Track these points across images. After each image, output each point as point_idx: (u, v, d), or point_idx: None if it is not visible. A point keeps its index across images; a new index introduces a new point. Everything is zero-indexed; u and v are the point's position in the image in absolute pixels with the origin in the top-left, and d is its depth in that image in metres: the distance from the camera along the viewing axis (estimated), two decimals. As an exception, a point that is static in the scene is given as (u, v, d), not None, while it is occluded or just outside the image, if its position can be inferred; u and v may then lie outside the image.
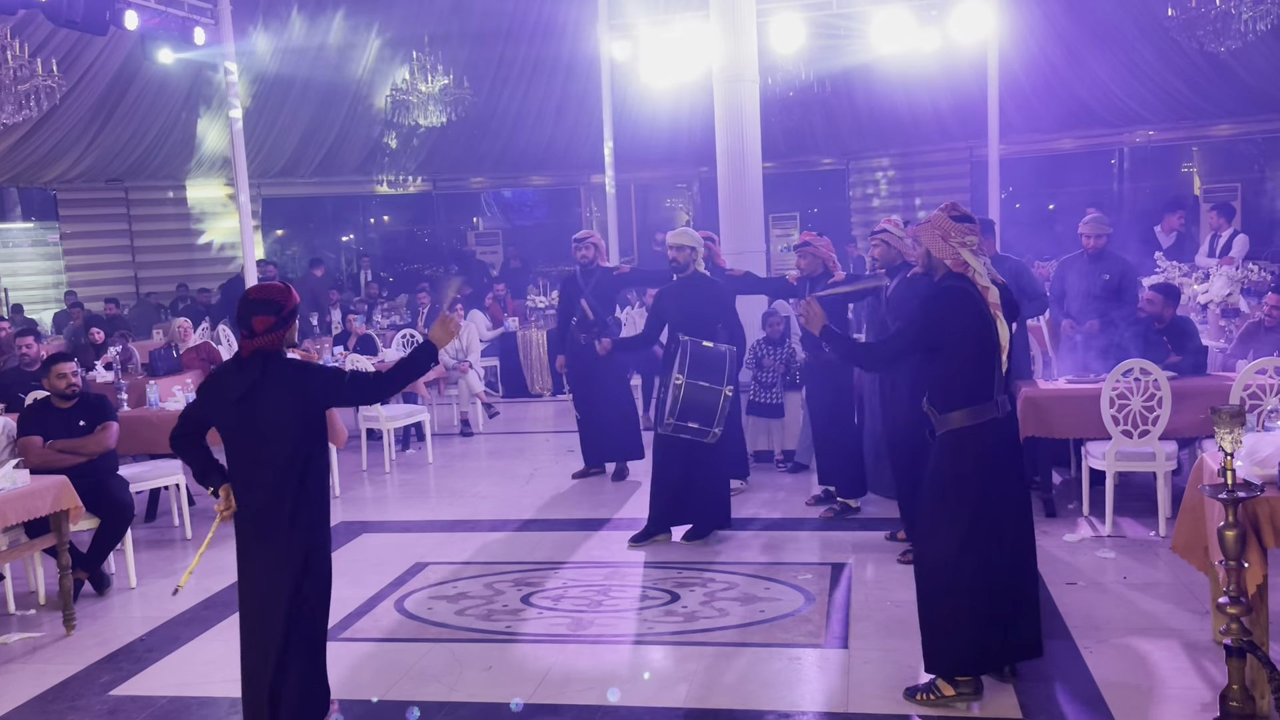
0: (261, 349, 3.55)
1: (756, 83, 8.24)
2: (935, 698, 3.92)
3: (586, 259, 7.57)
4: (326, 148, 17.12)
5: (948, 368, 3.88)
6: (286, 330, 3.61)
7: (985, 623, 3.84)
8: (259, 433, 3.56)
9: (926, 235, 3.97)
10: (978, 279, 3.87)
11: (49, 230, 16.90)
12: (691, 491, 6.03)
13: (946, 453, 3.90)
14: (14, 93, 9.59)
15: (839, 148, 17.30)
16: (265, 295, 3.59)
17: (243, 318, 3.55)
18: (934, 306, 3.92)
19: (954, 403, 3.86)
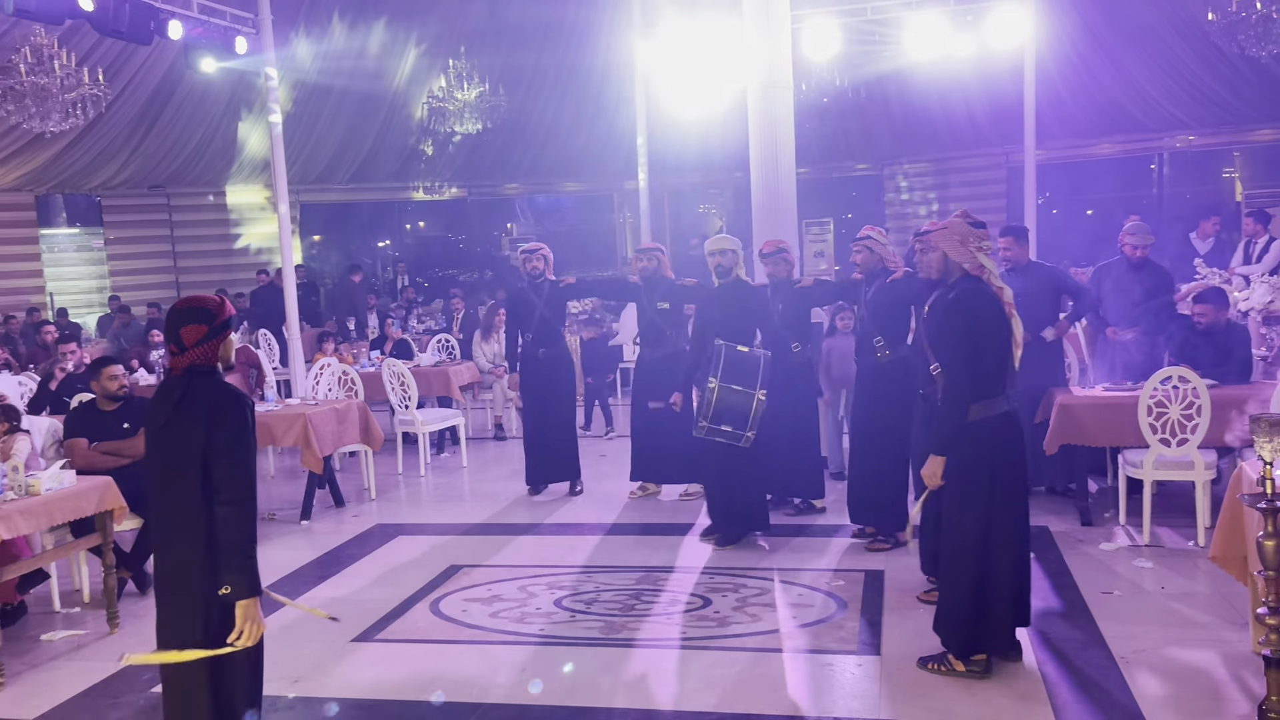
0: (194, 367, 3.15)
1: (791, 89, 8.23)
2: (945, 669, 4.19)
3: (537, 270, 7.53)
4: (363, 154, 17.31)
5: (965, 364, 4.10)
6: (221, 343, 3.20)
7: (999, 602, 4.11)
8: (169, 464, 3.13)
9: (944, 240, 4.21)
10: (992, 280, 4.18)
11: (93, 236, 17.23)
12: (729, 496, 6.05)
13: (964, 444, 4.11)
14: (61, 101, 9.81)
15: (873, 153, 17.24)
16: (195, 304, 3.23)
17: (170, 330, 3.17)
18: (967, 308, 4.10)
19: (973, 396, 4.08)
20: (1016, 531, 4.16)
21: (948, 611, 4.20)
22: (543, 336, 7.52)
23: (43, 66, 9.74)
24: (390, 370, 8.81)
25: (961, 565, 4.14)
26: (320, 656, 4.78)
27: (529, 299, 7.56)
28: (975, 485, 4.11)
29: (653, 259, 7.31)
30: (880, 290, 5.91)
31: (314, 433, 7.07)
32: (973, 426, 4.10)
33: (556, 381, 7.61)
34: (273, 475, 9.01)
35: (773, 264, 6.65)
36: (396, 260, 19.62)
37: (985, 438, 4.10)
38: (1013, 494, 4.15)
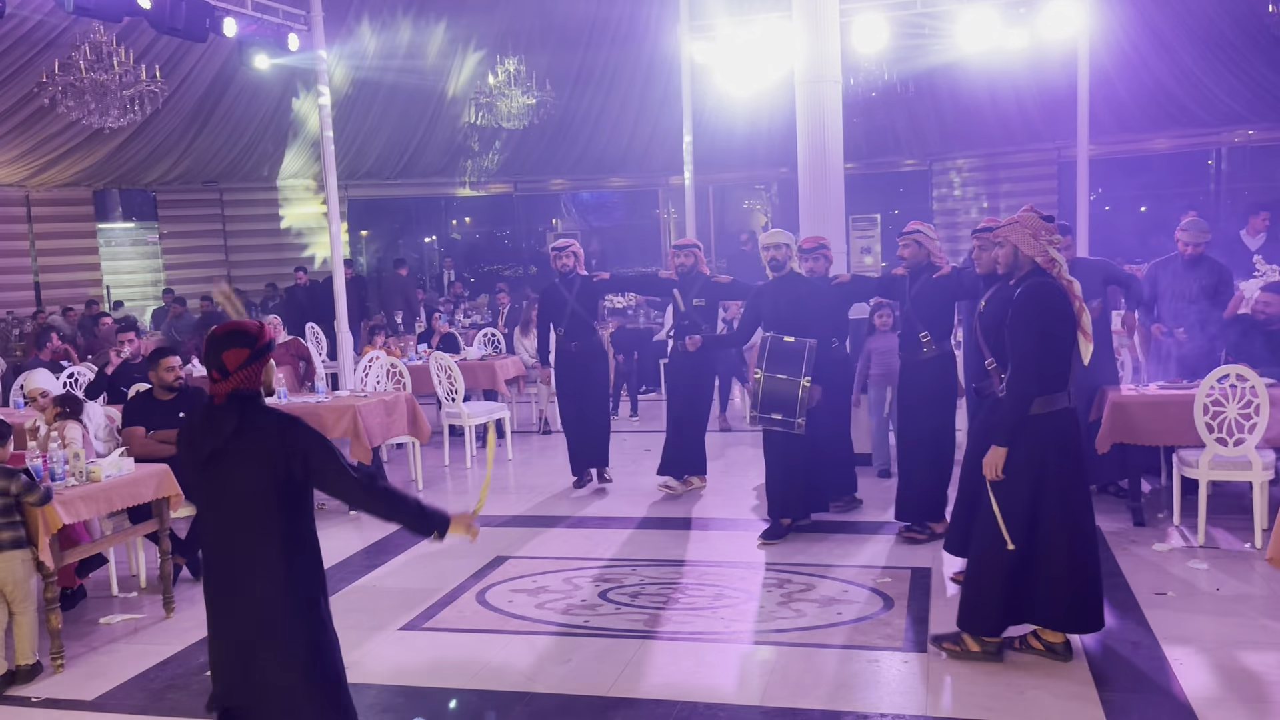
0: (239, 392, 2.99)
1: (839, 83, 8.17)
2: (960, 649, 4.29)
3: (567, 267, 7.60)
4: (411, 150, 17.48)
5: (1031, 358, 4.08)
6: (263, 367, 3.07)
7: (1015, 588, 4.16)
8: (231, 501, 2.96)
9: (1015, 234, 4.20)
10: (1062, 273, 4.16)
11: (148, 230, 17.59)
12: (790, 480, 6.10)
13: (1024, 439, 4.09)
14: (119, 98, 10.02)
15: (921, 148, 17.07)
16: (235, 329, 3.08)
17: (211, 356, 3.01)
18: (1039, 300, 4.08)
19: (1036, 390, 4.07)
20: (1068, 524, 4.10)
21: (972, 588, 4.25)
22: (575, 330, 7.60)
23: (102, 63, 9.96)
24: (437, 363, 8.90)
25: (994, 550, 4.14)
26: (370, 644, 4.84)
27: (560, 294, 7.64)
28: (1022, 476, 4.09)
29: (690, 255, 7.34)
30: (926, 285, 5.93)
31: (363, 424, 7.16)
32: (1030, 421, 4.08)
33: (590, 374, 7.69)
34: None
35: (812, 260, 6.64)
36: (443, 256, 19.80)
37: (1042, 432, 4.08)
38: (1066, 491, 4.11)
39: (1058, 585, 4.12)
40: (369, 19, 14.37)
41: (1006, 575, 4.15)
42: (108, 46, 10.04)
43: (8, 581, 4.54)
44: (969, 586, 4.29)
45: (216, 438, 2.95)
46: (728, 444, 9.24)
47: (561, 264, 7.63)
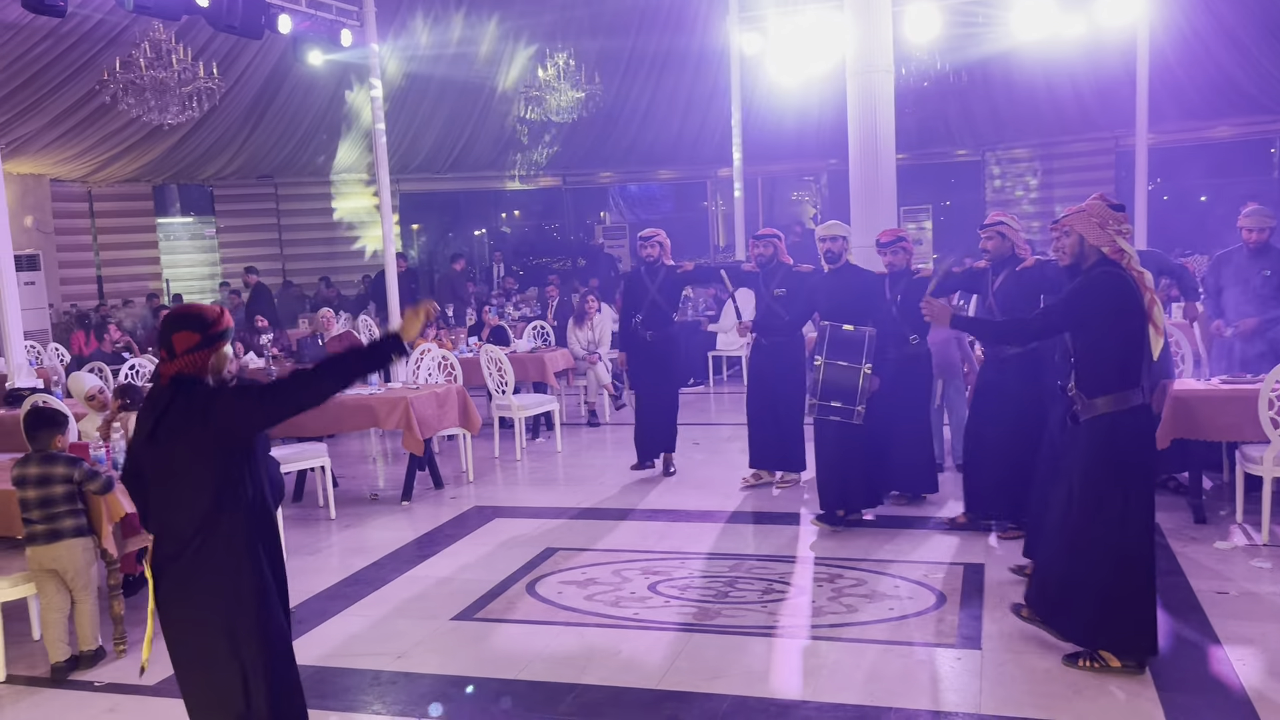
0: (181, 375, 2.95)
1: (891, 73, 8.09)
2: (1099, 666, 4.04)
3: (652, 257, 7.63)
4: (461, 144, 17.62)
5: (1100, 352, 3.98)
6: (212, 354, 2.99)
7: (1150, 600, 3.99)
8: (165, 480, 2.97)
9: (1082, 222, 4.09)
10: (1132, 264, 4.01)
11: (206, 224, 17.95)
12: (845, 473, 6.07)
13: (1099, 437, 4.00)
14: (178, 94, 10.22)
15: (974, 139, 16.84)
16: (190, 311, 3.04)
17: (163, 335, 2.99)
18: (1093, 289, 4.02)
19: (1103, 387, 3.97)
20: (1147, 530, 4.03)
21: (1098, 605, 4.00)
22: (652, 319, 7.63)
23: (161, 61, 10.16)
24: (488, 356, 8.97)
25: (1128, 568, 3.96)
26: (421, 634, 4.90)
27: (643, 282, 7.67)
28: (1113, 481, 3.97)
29: (769, 245, 7.24)
30: (1010, 279, 5.69)
31: (415, 416, 7.24)
32: (1106, 421, 3.97)
33: (663, 363, 7.73)
34: (375, 457, 9.26)
35: (891, 253, 6.50)
36: (493, 249, 19.94)
37: (1120, 432, 3.96)
38: (1145, 491, 4.03)
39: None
40: (420, 14, 14.50)
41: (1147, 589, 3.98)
42: (167, 44, 10.25)
43: (70, 568, 4.65)
44: (1076, 604, 4.07)
45: (151, 418, 2.96)
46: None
47: (646, 253, 7.66)
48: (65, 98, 12.76)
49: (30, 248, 14.66)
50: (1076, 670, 4.10)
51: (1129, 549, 3.97)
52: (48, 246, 15.53)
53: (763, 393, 7.31)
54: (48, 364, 10.46)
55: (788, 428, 7.25)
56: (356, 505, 7.51)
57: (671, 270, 7.66)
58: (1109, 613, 4.00)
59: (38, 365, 9.63)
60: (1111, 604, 4.00)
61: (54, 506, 4.57)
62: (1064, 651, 4.24)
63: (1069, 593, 4.11)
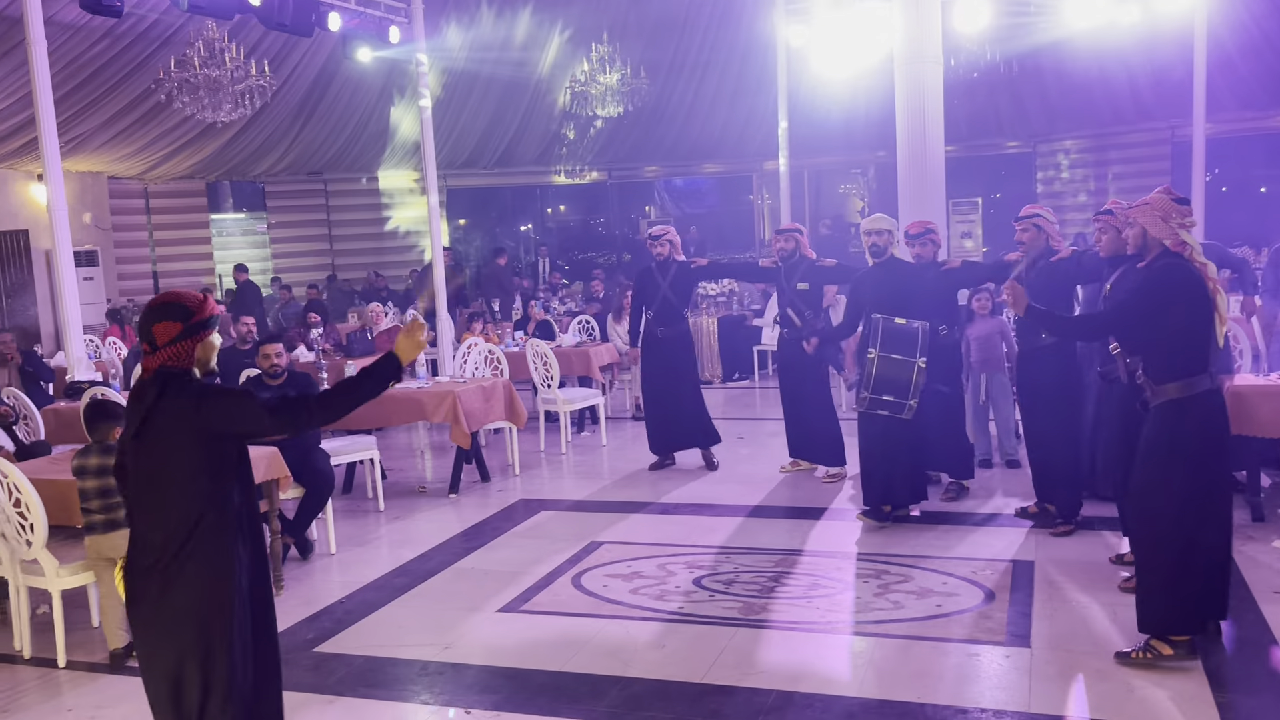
0: (165, 369, 2.84)
1: (940, 64, 7.98)
2: (1152, 657, 4.06)
3: (662, 255, 7.66)
4: (507, 140, 17.70)
5: (1167, 341, 4.06)
6: (197, 344, 2.88)
7: (1198, 582, 4.03)
8: (148, 481, 2.85)
9: (1145, 216, 4.17)
10: (1195, 256, 4.10)
11: (258, 220, 18.24)
12: (890, 468, 6.04)
13: (1164, 422, 4.08)
14: (231, 92, 10.39)
15: (1025, 130, 16.57)
16: (170, 300, 2.90)
17: (143, 327, 2.87)
18: (1159, 281, 4.08)
19: (1171, 374, 4.05)
20: (1219, 516, 4.08)
21: (1146, 592, 4.11)
22: (664, 316, 7.67)
23: (214, 59, 10.33)
24: (533, 350, 9.02)
25: (1158, 546, 4.08)
26: (468, 624, 4.95)
27: (654, 279, 7.71)
28: (1171, 465, 4.05)
29: (791, 240, 7.31)
30: (1044, 270, 5.74)
31: (462, 409, 7.31)
32: (1174, 405, 4.05)
33: (674, 360, 7.78)
34: (422, 450, 9.35)
35: (920, 245, 6.53)
36: (538, 244, 20.03)
37: (1186, 418, 4.04)
38: (1217, 476, 4.09)
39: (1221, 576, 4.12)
40: (468, 11, 14.58)
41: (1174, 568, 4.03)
42: (220, 43, 10.42)
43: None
44: (1141, 588, 4.14)
45: (137, 413, 2.84)
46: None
47: (657, 252, 7.70)
48: (122, 96, 13.02)
49: (89, 243, 14.99)
50: (1131, 669, 4.04)
51: (1192, 532, 4.01)
52: (105, 242, 15.87)
53: (790, 386, 7.43)
54: (106, 357, 10.69)
55: (819, 420, 7.32)
56: (405, 497, 7.60)
57: (683, 266, 7.70)
58: (1147, 594, 4.10)
59: (96, 359, 9.86)
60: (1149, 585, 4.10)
61: (112, 496, 4.67)
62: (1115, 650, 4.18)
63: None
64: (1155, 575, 4.07)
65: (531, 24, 15.14)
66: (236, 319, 9.05)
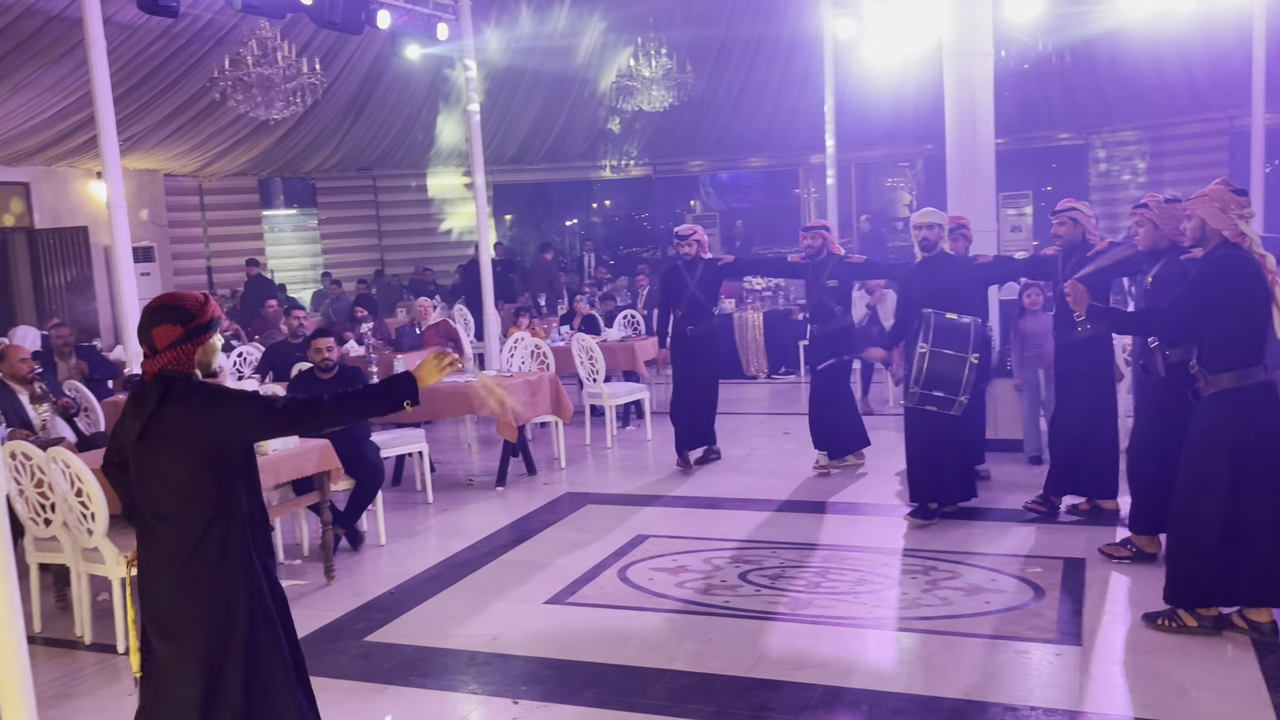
0: (165, 372, 2.80)
1: (990, 56, 7.87)
2: (1176, 625, 4.28)
3: (689, 256, 7.67)
4: (554, 135, 17.77)
5: (1224, 331, 4.12)
6: (198, 347, 2.83)
7: (1224, 562, 4.14)
8: (152, 485, 2.81)
9: (1204, 207, 4.21)
10: (1254, 248, 4.13)
11: (308, 216, 18.50)
12: (938, 464, 6.02)
13: (1214, 410, 4.15)
14: (283, 90, 10.55)
15: (1078, 121, 16.28)
16: (170, 302, 2.86)
17: (142, 331, 2.83)
18: (1219, 271, 4.12)
19: (1226, 364, 4.11)
20: (1264, 504, 4.10)
21: (1176, 563, 4.28)
22: (693, 314, 7.70)
23: (267, 58, 10.49)
24: (579, 345, 9.07)
25: (1196, 523, 4.19)
26: (516, 616, 5.00)
27: (682, 278, 7.72)
28: (1220, 451, 4.12)
29: (818, 237, 7.36)
30: (1081, 264, 5.72)
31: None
32: (1227, 395, 4.11)
33: (702, 358, 7.81)
34: (470, 444, 9.44)
35: (952, 240, 6.54)
36: (583, 239, 20.10)
37: (1239, 406, 4.10)
38: (1264, 466, 4.10)
39: (1263, 561, 4.10)
40: (514, 6, 14.66)
41: (1212, 548, 4.15)
42: (273, 42, 10.58)
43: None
44: (1173, 561, 4.33)
45: (139, 418, 2.80)
46: (870, 428, 9.06)
47: (684, 251, 7.71)
48: (177, 95, 13.27)
49: (146, 240, 15.31)
50: (1180, 667, 4.00)
51: (1233, 515, 4.10)
52: (161, 239, 16.20)
53: (816, 383, 7.48)
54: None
55: (841, 413, 7.41)
56: (453, 490, 7.68)
57: (710, 264, 7.73)
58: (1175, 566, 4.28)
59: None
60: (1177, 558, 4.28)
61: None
62: (1168, 650, 4.12)
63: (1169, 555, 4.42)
64: (1188, 550, 4.22)
65: (577, 18, 15.18)
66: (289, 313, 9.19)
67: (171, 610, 2.81)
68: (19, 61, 11.16)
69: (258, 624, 2.84)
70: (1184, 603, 4.27)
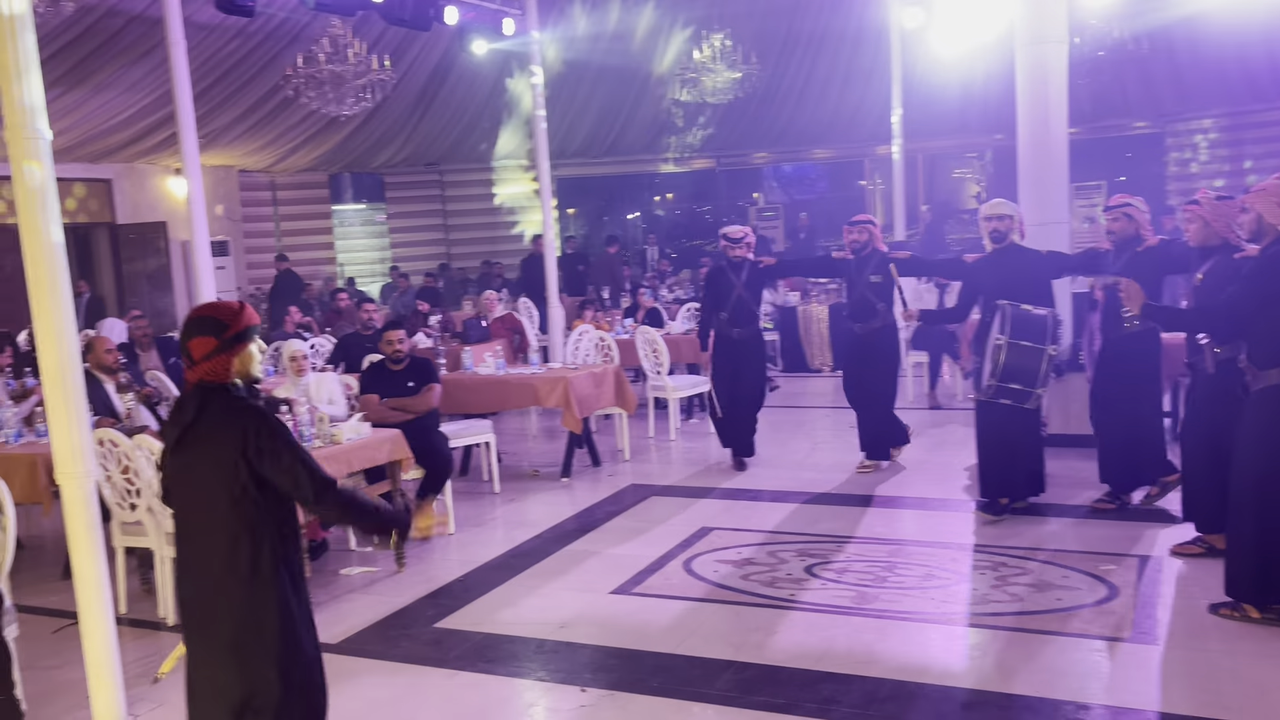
0: (204, 383, 2.82)
1: (1064, 44, 7.70)
2: (1240, 615, 4.31)
3: (739, 258, 7.58)
4: (617, 129, 17.82)
5: (1275, 327, 4.11)
6: (234, 357, 2.83)
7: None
8: (188, 495, 2.86)
9: (1261, 202, 4.21)
10: None
11: (377, 211, 18.82)
12: (1010, 460, 5.95)
13: (1264, 407, 4.18)
14: (353, 87, 10.74)
15: (1154, 110, 15.86)
16: (205, 313, 2.88)
17: (181, 343, 2.87)
18: (1270, 267, 4.18)
19: (1275, 360, 4.12)
20: None
21: (1233, 559, 4.34)
22: (739, 316, 7.61)
23: (339, 55, 10.69)
24: (643, 337, 9.10)
25: (1249, 515, 4.23)
26: (582, 605, 5.05)
27: (728, 279, 7.63)
28: (1272, 448, 4.16)
29: (864, 232, 7.24)
30: (1133, 259, 5.76)
31: (574, 395, 7.43)
32: (1274, 390, 4.14)
33: (748, 361, 7.71)
34: (535, 435, 9.54)
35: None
36: (646, 232, 20.13)
37: None
38: None
39: None
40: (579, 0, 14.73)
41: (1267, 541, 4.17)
42: (344, 39, 10.77)
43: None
44: (1231, 556, 4.37)
45: (177, 425, 2.85)
46: (937, 422, 8.99)
47: (735, 254, 7.61)
48: (252, 93, 13.59)
49: (220, 234, 15.71)
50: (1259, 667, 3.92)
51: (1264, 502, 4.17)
52: (235, 233, 16.61)
53: (854, 379, 7.40)
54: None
55: (880, 414, 7.31)
56: (519, 480, 7.77)
57: (754, 265, 7.63)
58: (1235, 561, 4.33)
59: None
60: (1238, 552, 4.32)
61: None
62: (1247, 649, 4.03)
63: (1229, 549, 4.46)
64: (1244, 544, 4.27)
65: (641, 12, 15.19)
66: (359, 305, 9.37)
67: (202, 617, 2.86)
68: (101, 61, 11.53)
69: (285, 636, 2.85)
70: (1245, 596, 4.30)
